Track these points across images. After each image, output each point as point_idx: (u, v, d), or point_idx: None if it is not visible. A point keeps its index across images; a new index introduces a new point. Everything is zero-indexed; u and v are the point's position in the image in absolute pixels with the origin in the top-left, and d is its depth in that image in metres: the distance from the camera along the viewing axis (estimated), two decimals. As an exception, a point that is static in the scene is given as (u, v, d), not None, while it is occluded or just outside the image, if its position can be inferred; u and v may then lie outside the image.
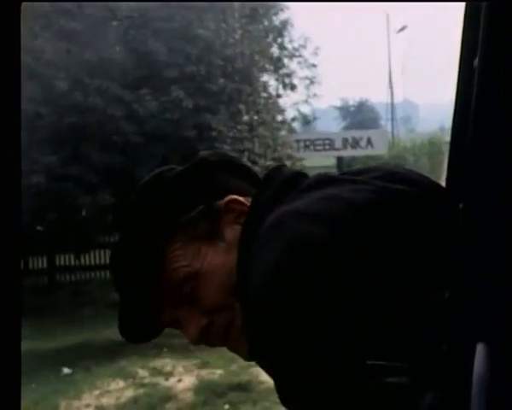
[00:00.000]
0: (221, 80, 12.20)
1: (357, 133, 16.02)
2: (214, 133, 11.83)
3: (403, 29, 41.71)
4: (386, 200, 1.18)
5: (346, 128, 74.46)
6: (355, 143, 14.65)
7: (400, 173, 1.26)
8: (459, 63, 1.10)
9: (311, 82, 17.66)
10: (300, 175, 1.34)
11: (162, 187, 1.35)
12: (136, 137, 11.91)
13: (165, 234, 1.31)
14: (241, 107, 12.35)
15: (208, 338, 1.33)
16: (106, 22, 11.89)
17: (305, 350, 1.11)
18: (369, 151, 14.77)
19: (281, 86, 16.82)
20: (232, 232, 1.31)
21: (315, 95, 17.81)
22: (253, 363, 1.28)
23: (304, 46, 16.88)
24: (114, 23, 11.89)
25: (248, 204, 1.32)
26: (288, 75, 16.93)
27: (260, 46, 12.73)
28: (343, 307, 1.10)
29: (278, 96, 17.63)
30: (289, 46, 17.17)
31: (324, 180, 1.27)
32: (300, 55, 17.06)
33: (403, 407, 1.09)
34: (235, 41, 12.49)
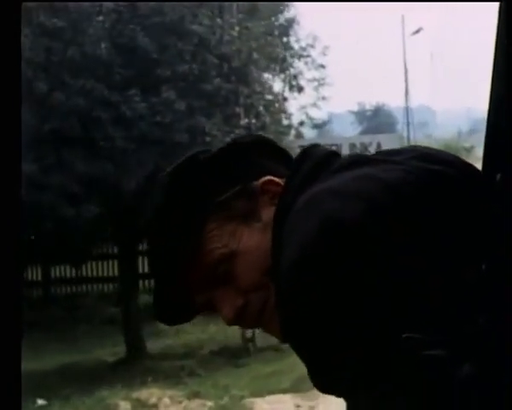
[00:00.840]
0: (216, 80, 11.19)
1: (365, 138, 14.93)
2: (208, 138, 10.81)
3: (418, 31, 40.61)
4: (422, 180, 1.18)
5: (363, 133, 73.72)
6: (364, 149, 13.60)
7: (435, 154, 1.26)
8: (493, 65, 1.12)
9: (320, 84, 16.62)
10: (334, 155, 1.33)
11: (197, 168, 1.34)
12: (124, 143, 10.95)
13: (201, 215, 1.30)
14: (238, 110, 11.32)
15: (243, 319, 1.32)
16: (90, 17, 10.91)
17: (336, 328, 1.11)
18: None
19: (287, 88, 15.83)
20: (268, 213, 1.31)
21: (324, 98, 16.78)
22: (246, 394, 0.89)
23: (312, 46, 15.83)
24: (100, 18, 10.90)
25: (280, 187, 1.31)
26: (295, 76, 15.92)
27: (259, 43, 11.67)
28: (375, 285, 1.10)
29: (284, 98, 16.65)
30: (296, 46, 16.13)
31: (358, 160, 1.26)
32: (308, 56, 16.01)
33: (439, 378, 1.06)
34: (232, 38, 11.46)
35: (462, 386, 1.06)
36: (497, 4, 1.11)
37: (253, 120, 11.57)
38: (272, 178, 1.33)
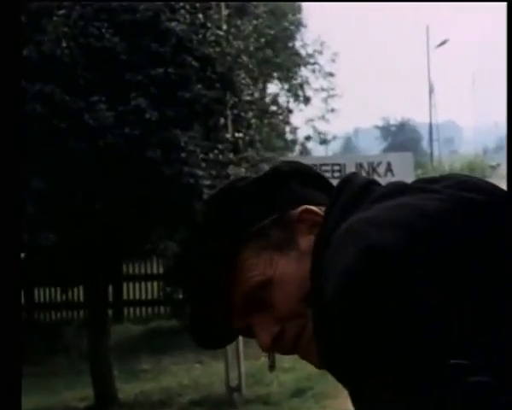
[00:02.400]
0: (196, 87, 9.57)
1: (374, 157, 13.08)
2: (184, 154, 9.19)
3: (443, 43, 38.92)
4: (458, 208, 1.20)
5: (387, 150, 72.08)
6: (371, 170, 11.91)
7: (472, 182, 1.28)
8: (508, 67, 1.17)
9: (330, 95, 15.01)
10: (373, 183, 1.36)
11: (235, 196, 1.39)
12: (87, 157, 9.36)
13: (238, 242, 1.34)
14: (223, 121, 9.70)
15: (280, 346, 1.35)
16: (50, 11, 9.34)
17: (378, 354, 1.13)
18: (389, 180, 12.04)
19: (292, 99, 14.23)
20: (305, 242, 1.33)
21: (333, 110, 15.18)
22: None
23: (320, 52, 14.20)
24: (60, 12, 9.32)
25: (322, 214, 1.34)
26: (301, 86, 14.31)
27: (247, 44, 10.05)
28: (418, 313, 1.12)
29: (289, 110, 15.07)
30: (303, 52, 14.50)
31: (397, 189, 1.29)
32: (315, 63, 14.37)
33: (485, 405, 1.08)
34: (217, 38, 9.85)
35: None
36: None
37: (240, 134, 9.91)
38: (310, 207, 1.37)
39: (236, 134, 9.98)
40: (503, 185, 1.25)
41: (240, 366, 10.20)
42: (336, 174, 10.78)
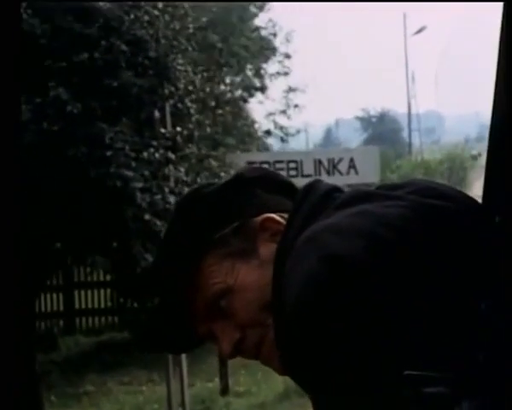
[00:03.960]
0: (126, 74, 8.28)
1: (335, 153, 11.62)
2: (109, 152, 7.90)
3: (420, 31, 37.68)
4: (420, 214, 1.21)
5: (367, 141, 70.96)
6: (332, 167, 10.60)
7: (436, 189, 1.29)
8: (497, 68, 1.11)
9: (290, 89, 13.68)
10: (336, 190, 1.37)
11: (198, 203, 1.40)
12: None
13: (200, 250, 1.35)
14: (158, 114, 8.40)
15: (241, 352, 1.36)
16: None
17: (337, 361, 1.15)
18: (351, 178, 10.56)
19: (249, 89, 12.92)
20: (267, 250, 1.34)
21: (296, 106, 13.87)
22: None
23: (274, 34, 12.90)
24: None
25: (284, 223, 1.35)
26: (258, 73, 13.02)
27: (183, 24, 8.73)
28: (376, 321, 1.13)
29: (244, 100, 13.78)
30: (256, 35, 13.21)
31: (359, 196, 1.29)
32: (273, 48, 13.08)
33: None
34: (151, 19, 8.56)
35: None
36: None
37: (178, 129, 8.61)
38: (272, 215, 1.37)
39: (177, 129, 8.66)
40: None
41: (184, 391, 8.92)
42: (292, 172, 9.54)
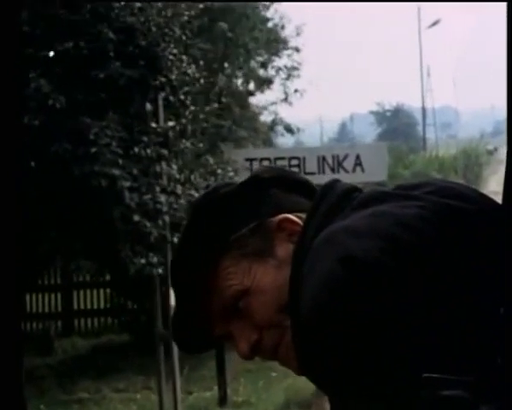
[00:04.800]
0: (114, 64, 7.70)
1: (340, 150, 10.88)
2: (94, 149, 7.32)
3: (435, 24, 36.96)
4: (437, 215, 1.20)
5: (381, 135, 70.29)
6: (337, 165, 9.94)
7: (454, 189, 1.28)
8: (507, 66, 1.10)
9: (289, 75, 13.06)
10: (354, 190, 1.36)
11: (215, 204, 1.39)
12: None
13: (217, 252, 1.35)
14: (149, 108, 7.82)
15: (259, 353, 1.36)
16: None
17: (355, 363, 1.14)
18: (358, 176, 9.85)
19: (252, 81, 12.32)
20: (284, 251, 1.34)
21: (296, 91, 13.25)
22: None
23: (282, 26, 12.29)
24: None
25: (301, 223, 1.34)
26: (264, 65, 12.39)
27: (177, 11, 8.13)
28: (395, 323, 1.12)
29: (250, 93, 13.18)
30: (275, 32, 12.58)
31: (376, 196, 1.29)
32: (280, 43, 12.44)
33: None
34: (143, 5, 7.97)
35: None
36: None
37: (170, 123, 8.01)
38: (289, 216, 1.36)
39: (169, 123, 8.07)
40: (502, 170, 1.16)
41: (177, 402, 8.35)
42: (294, 170, 8.96)
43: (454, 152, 37.53)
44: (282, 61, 14.67)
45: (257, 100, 15.00)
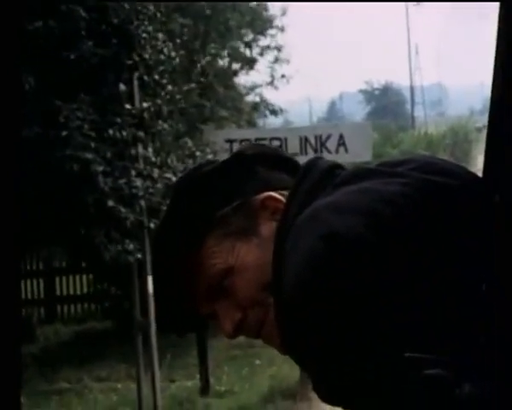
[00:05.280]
0: (86, 43, 7.37)
1: (323, 129, 10.55)
2: (65, 132, 7.01)
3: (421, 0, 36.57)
4: (420, 191, 1.20)
5: (370, 114, 69.98)
6: (319, 145, 9.65)
7: (437, 164, 1.28)
8: (495, 55, 1.11)
9: (277, 59, 12.75)
10: (337, 167, 1.36)
11: (198, 182, 1.39)
12: None
13: (200, 231, 1.35)
14: (123, 88, 7.50)
15: (243, 332, 1.37)
16: None
17: (338, 340, 1.14)
18: (341, 157, 9.52)
19: (236, 62, 12.00)
20: (267, 229, 1.34)
21: (283, 76, 12.94)
22: None
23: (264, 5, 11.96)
24: None
25: (284, 201, 1.34)
26: (248, 44, 12.08)
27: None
28: (376, 300, 1.12)
29: (234, 72, 12.86)
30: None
31: (359, 173, 1.29)
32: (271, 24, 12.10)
33: (440, 398, 1.09)
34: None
35: (462, 405, 1.08)
36: None
37: (145, 104, 7.70)
38: (272, 194, 1.36)
39: (144, 104, 7.75)
40: None
41: (156, 392, 8.08)
42: (276, 151, 8.67)
43: (443, 130, 37.26)
44: (267, 40, 14.39)
45: (244, 81, 14.71)
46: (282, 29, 14.59)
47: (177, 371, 10.21)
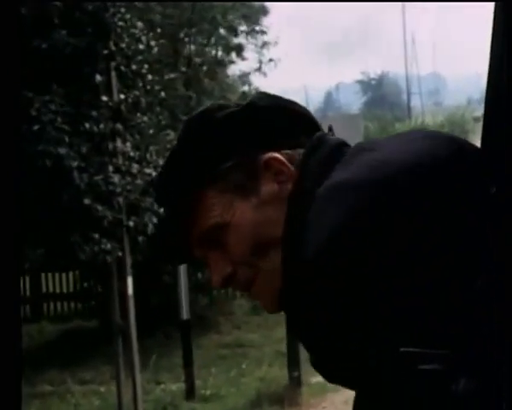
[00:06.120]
0: (59, 32, 6.99)
1: None
2: (37, 126, 6.63)
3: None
4: (434, 159, 1.18)
5: (367, 104, 69.62)
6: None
7: (441, 136, 1.27)
8: (490, 51, 1.11)
9: (264, 43, 12.37)
10: (345, 144, 1.36)
11: (206, 129, 1.36)
12: None
13: (202, 180, 1.35)
14: (99, 79, 7.11)
15: (231, 286, 1.39)
16: None
17: (346, 319, 1.14)
18: None
19: (221, 50, 11.62)
20: (268, 190, 1.33)
21: (271, 60, 12.57)
22: None
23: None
24: None
25: (288, 165, 1.33)
26: (234, 30, 11.68)
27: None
28: (386, 277, 1.12)
29: (219, 62, 12.48)
30: None
31: (366, 148, 1.29)
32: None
33: (436, 393, 1.08)
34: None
35: (458, 401, 1.06)
36: None
37: (121, 96, 7.30)
38: (277, 156, 1.34)
39: (121, 96, 7.36)
40: None
41: (137, 397, 7.72)
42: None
43: (440, 120, 36.90)
44: (251, 26, 13.98)
45: (232, 70, 14.34)
46: (264, 12, 14.18)
47: (163, 373, 9.86)
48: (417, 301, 1.11)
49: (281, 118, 1.37)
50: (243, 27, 12.78)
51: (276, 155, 1.33)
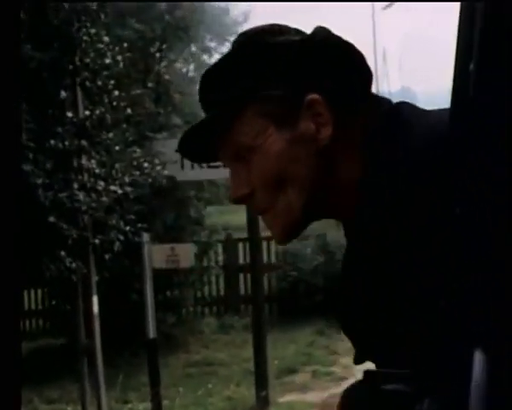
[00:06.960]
0: (24, 47, 6.87)
1: None
2: None
3: (390, 5, 36.40)
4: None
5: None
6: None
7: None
8: (455, 65, 1.13)
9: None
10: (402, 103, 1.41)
11: (258, 49, 1.36)
12: None
13: (244, 97, 1.35)
14: (64, 95, 7.00)
15: (245, 203, 1.42)
16: None
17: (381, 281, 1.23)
18: None
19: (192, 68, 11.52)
20: (304, 128, 1.34)
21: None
22: None
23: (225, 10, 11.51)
24: None
25: (327, 111, 1.34)
26: (206, 50, 11.58)
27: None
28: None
29: (191, 79, 12.39)
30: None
31: (418, 114, 1.38)
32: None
33: None
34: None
35: None
36: None
37: (86, 112, 7.20)
38: (321, 100, 1.34)
39: (86, 112, 7.26)
40: None
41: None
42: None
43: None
44: (227, 47, 13.95)
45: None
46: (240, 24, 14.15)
47: (130, 393, 9.71)
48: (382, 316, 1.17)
49: (332, 55, 1.36)
50: (213, 44, 12.72)
51: (320, 99, 1.34)
